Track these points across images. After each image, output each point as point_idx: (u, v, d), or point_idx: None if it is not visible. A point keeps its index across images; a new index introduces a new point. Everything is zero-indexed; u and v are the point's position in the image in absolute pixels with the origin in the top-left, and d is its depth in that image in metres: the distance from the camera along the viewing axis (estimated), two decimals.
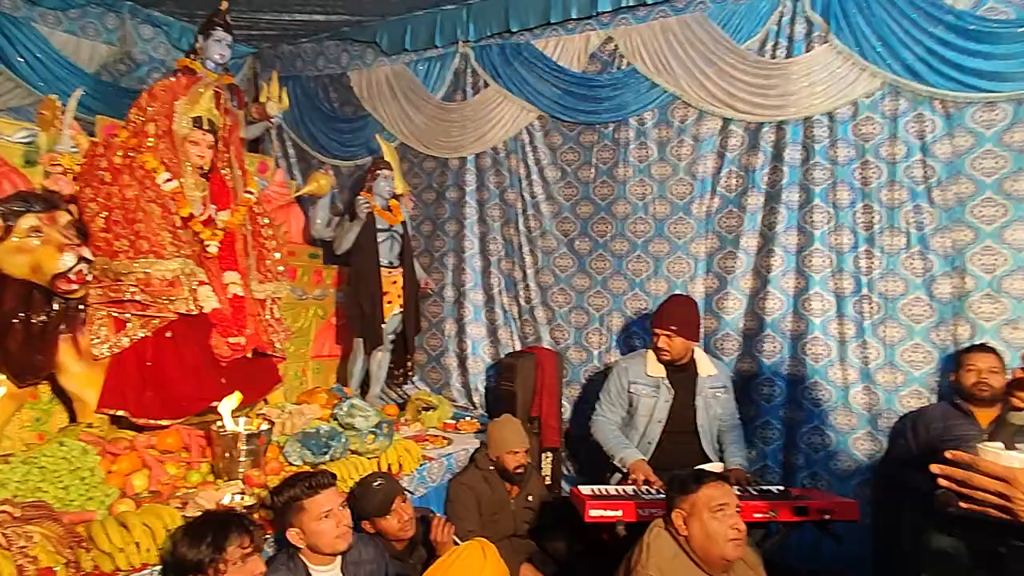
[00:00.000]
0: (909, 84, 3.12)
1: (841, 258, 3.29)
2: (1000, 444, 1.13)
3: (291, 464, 2.54)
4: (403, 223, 3.99)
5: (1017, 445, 1.11)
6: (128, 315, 2.47)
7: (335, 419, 2.87)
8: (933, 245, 3.12)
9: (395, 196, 4.03)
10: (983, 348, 2.80)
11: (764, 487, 2.82)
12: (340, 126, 4.76)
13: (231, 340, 2.70)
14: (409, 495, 2.55)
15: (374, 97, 4.59)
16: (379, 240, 3.81)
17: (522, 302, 4.17)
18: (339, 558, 2.06)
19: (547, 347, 4.00)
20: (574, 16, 3.92)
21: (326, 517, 1.99)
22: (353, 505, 2.26)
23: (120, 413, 2.43)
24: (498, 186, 4.27)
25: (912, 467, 2.77)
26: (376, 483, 2.39)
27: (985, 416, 2.68)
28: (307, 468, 2.51)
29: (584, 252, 3.98)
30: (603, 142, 3.93)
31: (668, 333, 2.99)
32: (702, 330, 3.34)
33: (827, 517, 2.51)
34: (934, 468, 1.13)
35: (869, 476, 3.17)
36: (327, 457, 2.57)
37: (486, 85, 4.23)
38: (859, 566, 3.07)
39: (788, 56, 3.39)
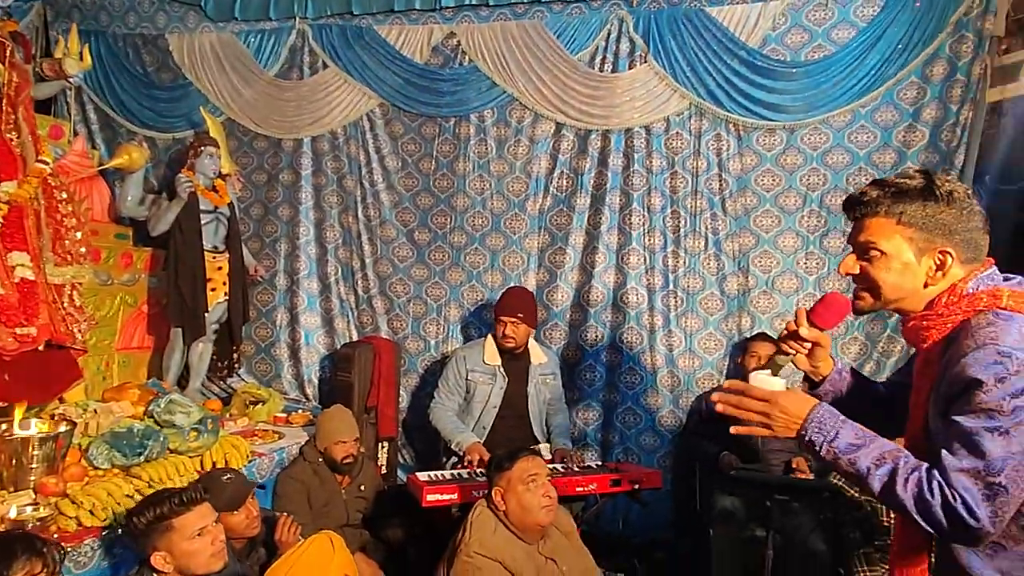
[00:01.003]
0: (710, 107, 3.56)
1: (653, 257, 3.66)
2: (768, 371, 1.36)
3: (97, 468, 2.28)
4: (230, 205, 3.70)
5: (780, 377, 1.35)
6: None
7: (151, 416, 2.61)
8: (725, 248, 3.60)
9: (221, 176, 3.72)
10: (762, 337, 3.29)
11: (585, 464, 3.07)
12: (156, 94, 4.28)
13: (19, 331, 2.34)
14: (259, 491, 2.41)
15: (197, 66, 4.18)
16: (203, 222, 3.50)
17: (360, 291, 4.09)
18: None
19: (385, 337, 3.97)
20: (418, 7, 3.90)
21: (199, 536, 1.79)
22: None
23: None
24: (336, 172, 4.12)
25: (703, 438, 3.20)
26: (226, 477, 2.24)
27: None
28: (118, 472, 2.26)
29: (423, 243, 3.99)
30: (444, 135, 3.97)
31: (515, 320, 3.13)
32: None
33: (636, 487, 2.80)
34: (715, 396, 1.31)
35: (671, 448, 3.59)
36: (142, 458, 2.34)
37: (324, 66, 4.05)
38: (663, 527, 3.48)
39: (614, 71, 3.68)
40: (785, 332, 1.43)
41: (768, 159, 3.55)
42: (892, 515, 2.59)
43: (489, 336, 3.29)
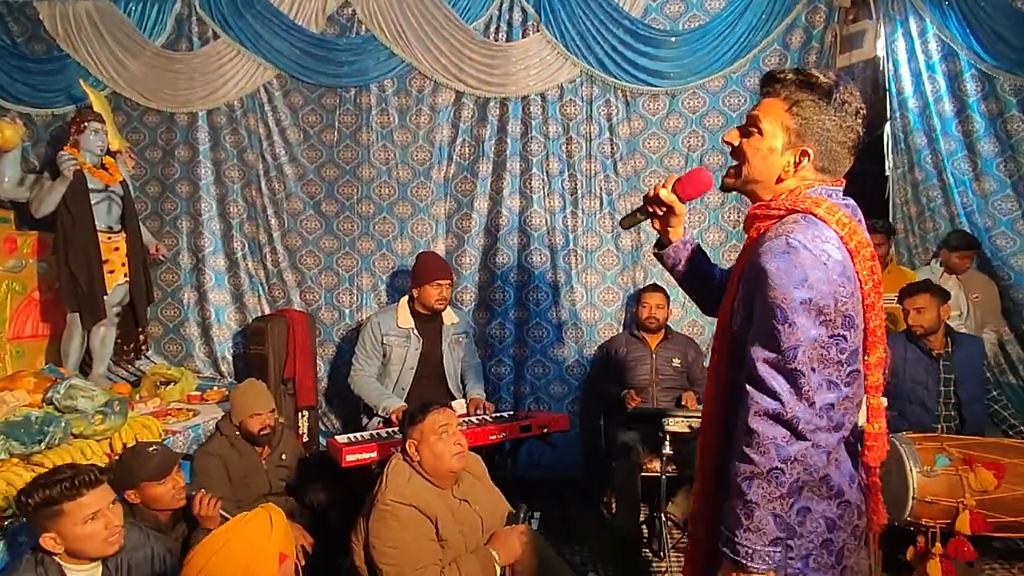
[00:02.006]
0: (600, 75, 3.67)
1: (553, 218, 3.78)
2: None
3: None
4: (123, 183, 3.48)
5: None
6: None
7: (50, 404, 2.47)
8: (618, 207, 3.77)
9: (110, 153, 3.48)
10: (654, 288, 3.49)
11: (498, 414, 3.19)
12: (28, 66, 3.90)
13: None
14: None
15: (73, 36, 3.84)
16: (93, 202, 3.28)
17: (269, 265, 3.98)
18: None
19: (298, 309, 3.90)
20: None
21: (92, 520, 1.66)
22: (120, 472, 2.05)
23: None
24: (236, 146, 3.95)
25: (605, 382, 3.40)
26: (152, 448, 2.18)
27: (654, 340, 3.38)
28: (18, 461, 2.15)
29: (331, 214, 3.92)
30: (345, 106, 3.88)
31: (449, 282, 3.21)
32: None
33: (545, 430, 2.96)
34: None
35: (578, 394, 3.78)
36: (43, 445, 2.24)
37: (215, 36, 3.84)
38: (572, 467, 3.68)
39: (508, 40, 3.72)
40: (651, 194, 1.50)
41: (653, 123, 3.72)
42: None
43: (402, 301, 3.31)
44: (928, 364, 2.95)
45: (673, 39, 3.61)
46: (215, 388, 3.56)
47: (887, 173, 3.95)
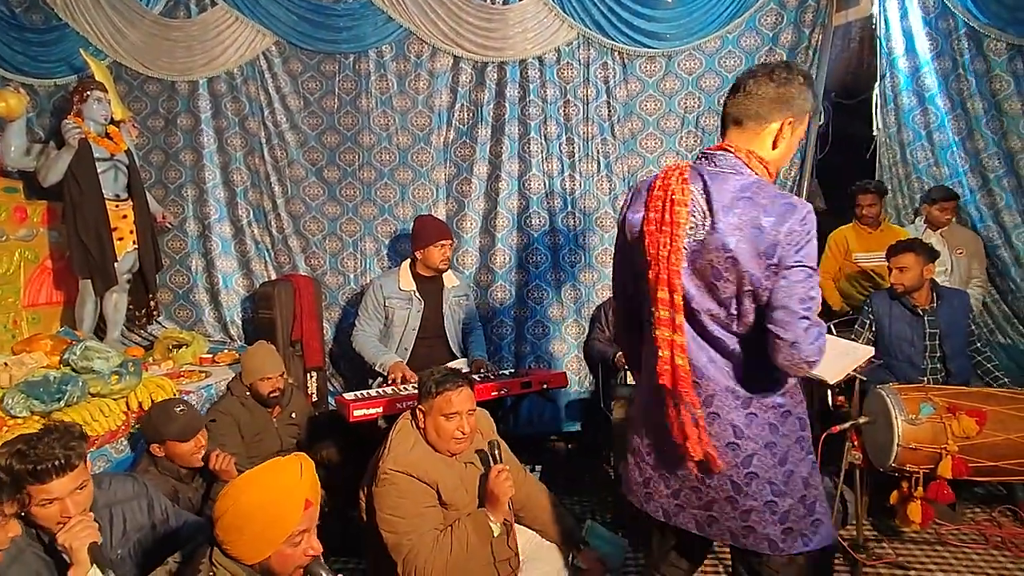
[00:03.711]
0: (596, 37, 3.60)
1: (551, 181, 3.75)
2: None
3: (14, 417, 2.19)
4: (127, 152, 3.45)
5: None
6: None
7: (67, 364, 2.50)
8: (615, 170, 3.73)
9: (113, 122, 3.44)
10: None
11: (500, 371, 3.23)
12: (28, 36, 3.82)
13: None
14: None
15: (71, 5, 3.75)
16: (99, 171, 3.25)
17: (274, 232, 3.96)
18: None
19: (304, 274, 3.90)
20: None
21: (49, 504, 1.55)
22: (147, 427, 2.11)
23: None
24: (237, 114, 3.89)
25: (600, 342, 3.42)
26: (179, 409, 2.23)
27: None
28: (39, 419, 2.18)
29: (333, 181, 3.89)
30: (344, 72, 3.81)
31: (451, 243, 3.23)
32: None
33: (545, 386, 2.99)
34: None
35: (576, 353, 3.81)
36: (62, 403, 2.27)
37: (213, 3, 3.75)
38: (572, 421, 3.73)
39: (505, 3, 3.63)
40: None
41: (650, 85, 3.66)
42: None
43: (404, 264, 3.31)
44: (913, 320, 2.97)
45: (670, 0, 3.53)
46: (226, 351, 3.59)
47: (875, 134, 3.90)
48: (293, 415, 3.01)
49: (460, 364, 3.21)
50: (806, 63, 3.53)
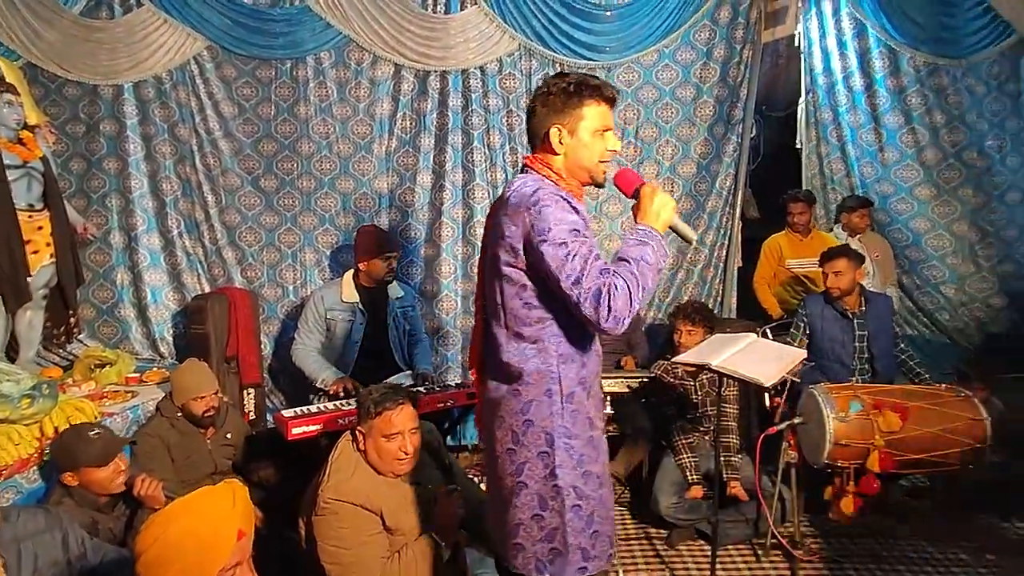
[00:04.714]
0: (538, 48, 3.62)
1: (496, 191, 3.74)
2: None
3: None
4: (43, 159, 3.20)
5: None
6: None
7: None
8: None
9: (27, 127, 3.19)
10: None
11: (447, 383, 3.17)
12: None
13: None
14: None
15: None
16: (11, 179, 3.00)
17: (207, 243, 3.77)
18: None
19: (240, 287, 3.73)
20: None
21: None
22: (59, 454, 1.96)
23: None
24: (166, 120, 3.70)
25: None
26: (93, 432, 2.06)
27: None
28: None
29: (271, 190, 3.75)
30: (281, 79, 3.68)
31: (396, 254, 3.15)
32: None
33: None
34: None
35: None
36: None
37: (138, 3, 3.56)
38: None
39: (447, 12, 3.60)
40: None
41: None
42: (701, 391, 2.97)
43: (347, 275, 3.21)
44: (843, 323, 3.09)
45: (608, 13, 3.59)
46: (154, 369, 3.37)
47: (799, 146, 4.10)
48: (228, 435, 2.85)
49: (405, 377, 3.13)
50: (738, 78, 3.66)
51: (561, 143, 1.51)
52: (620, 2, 3.61)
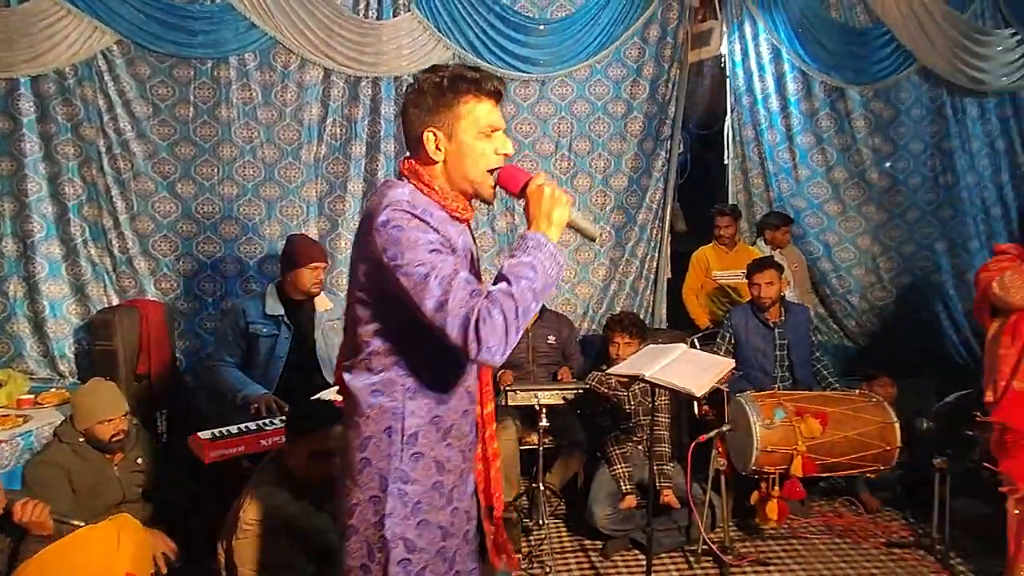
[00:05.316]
0: (471, 58, 3.59)
1: None
2: None
3: None
4: None
5: None
6: None
7: None
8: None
9: None
10: None
11: None
12: None
13: None
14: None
15: None
16: None
17: (116, 252, 3.49)
18: None
19: (152, 299, 3.47)
20: None
21: None
22: None
23: None
24: (70, 119, 3.40)
25: None
26: None
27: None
28: None
29: (188, 196, 3.51)
30: (201, 79, 3.47)
31: (324, 265, 2.99)
32: None
33: None
34: None
35: None
36: None
37: None
38: None
39: (379, 18, 3.52)
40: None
41: (525, 108, 3.71)
42: (634, 402, 3.00)
43: (270, 287, 3.04)
44: (766, 333, 3.22)
45: (542, 27, 3.61)
46: (53, 390, 3.06)
47: (726, 162, 4.28)
48: (139, 460, 2.62)
49: (332, 394, 2.99)
50: (666, 95, 3.77)
51: (438, 149, 1.26)
52: (553, 16, 3.64)
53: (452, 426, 1.32)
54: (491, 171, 1.29)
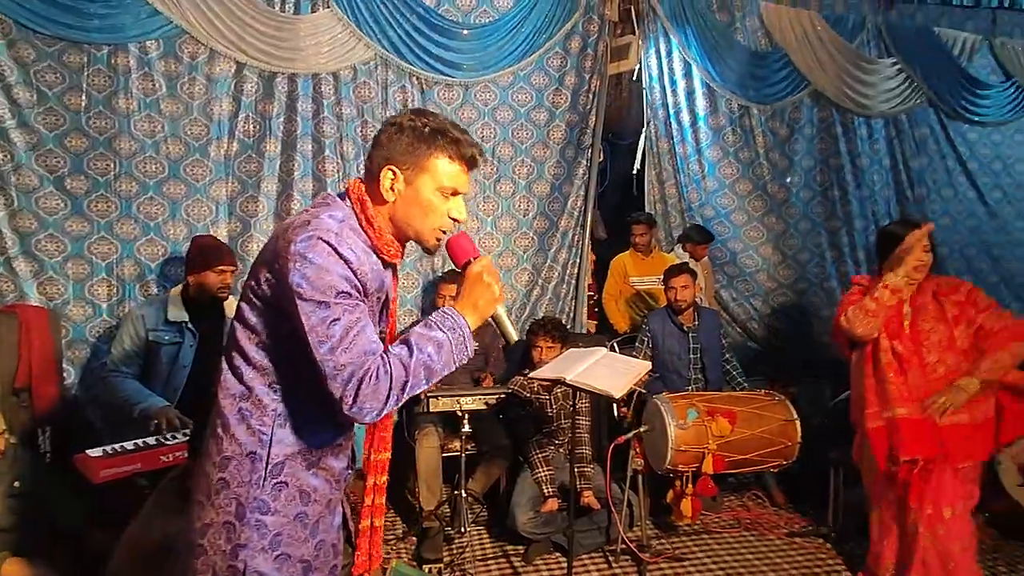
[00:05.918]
0: (394, 59, 3.52)
1: None
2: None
3: None
4: None
5: None
6: None
7: None
8: None
9: None
10: (452, 274, 3.46)
11: None
12: None
13: None
14: None
15: None
16: None
17: None
18: None
19: (35, 304, 3.13)
20: None
21: None
22: None
23: None
24: None
25: None
26: None
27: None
28: None
29: (79, 192, 3.20)
30: (96, 66, 3.18)
31: (233, 268, 2.83)
32: None
33: None
34: None
35: None
36: None
37: None
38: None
39: (296, 12, 3.37)
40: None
41: (449, 112, 3.67)
42: (556, 405, 3.03)
43: (173, 291, 2.83)
44: (680, 337, 3.35)
45: (465, 31, 3.60)
46: None
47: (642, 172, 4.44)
48: (16, 484, 2.35)
49: None
50: (587, 105, 3.86)
51: (392, 190, 1.24)
52: (477, 22, 3.63)
53: (321, 459, 1.25)
54: (442, 231, 1.29)
